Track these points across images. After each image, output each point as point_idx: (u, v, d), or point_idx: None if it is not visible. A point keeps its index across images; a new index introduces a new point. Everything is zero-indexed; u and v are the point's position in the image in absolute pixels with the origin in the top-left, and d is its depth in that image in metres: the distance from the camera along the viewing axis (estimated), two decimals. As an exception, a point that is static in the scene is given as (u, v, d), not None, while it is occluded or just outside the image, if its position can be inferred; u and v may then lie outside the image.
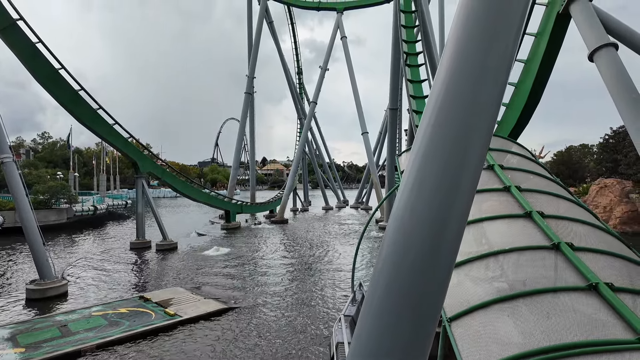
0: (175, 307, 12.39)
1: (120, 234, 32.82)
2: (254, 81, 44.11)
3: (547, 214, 5.56)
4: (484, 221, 5.80)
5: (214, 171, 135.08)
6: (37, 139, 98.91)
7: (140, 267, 19.90)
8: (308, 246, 25.36)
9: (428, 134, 1.87)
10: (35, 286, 13.97)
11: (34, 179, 38.46)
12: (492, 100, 1.83)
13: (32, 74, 18.42)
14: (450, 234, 1.82)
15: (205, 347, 9.78)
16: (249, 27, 47.47)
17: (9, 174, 13.94)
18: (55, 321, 11.30)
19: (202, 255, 22.35)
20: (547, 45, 13.16)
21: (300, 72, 61.48)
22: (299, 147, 47.84)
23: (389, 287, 1.87)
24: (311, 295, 14.32)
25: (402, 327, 1.83)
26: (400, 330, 1.83)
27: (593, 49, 10.40)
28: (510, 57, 1.83)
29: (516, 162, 7.97)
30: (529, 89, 13.77)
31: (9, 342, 9.77)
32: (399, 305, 1.84)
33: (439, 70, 1.93)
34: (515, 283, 4.60)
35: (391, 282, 1.87)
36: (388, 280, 1.88)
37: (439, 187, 1.79)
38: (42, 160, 75.09)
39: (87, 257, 21.74)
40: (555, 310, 3.97)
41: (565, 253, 4.60)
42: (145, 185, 25.24)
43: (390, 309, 1.85)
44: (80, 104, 20.74)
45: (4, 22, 16.70)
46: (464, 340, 4.07)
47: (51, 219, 33.28)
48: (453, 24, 1.91)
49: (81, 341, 9.74)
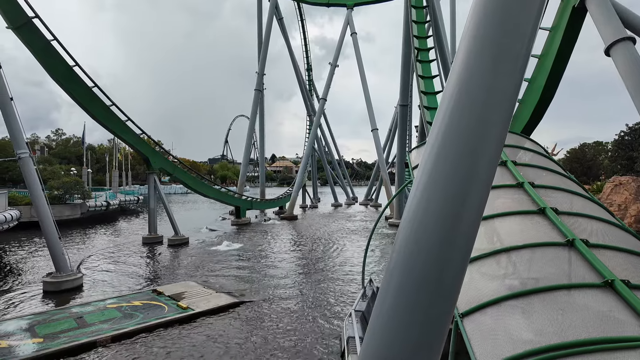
0: (187, 301, 12.57)
1: (132, 229, 33.33)
2: (263, 78, 44.19)
3: (561, 211, 5.50)
4: (496, 217, 5.77)
5: (223, 168, 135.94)
6: (51, 136, 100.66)
7: (153, 261, 20.20)
8: (317, 242, 25.44)
9: (443, 130, 1.85)
10: (51, 279, 14.30)
11: (49, 175, 39.25)
12: (507, 95, 1.80)
13: (48, 72, 18.73)
14: (465, 230, 1.80)
15: (217, 341, 9.91)
16: (259, 24, 47.50)
17: (25, 169, 14.26)
18: (71, 313, 11.56)
19: (213, 250, 22.59)
20: (562, 40, 12.94)
21: (309, 69, 61.39)
22: (308, 144, 47.86)
23: (402, 282, 1.86)
24: (321, 290, 14.39)
25: (415, 324, 1.82)
26: (413, 326, 1.82)
27: (610, 43, 10.21)
28: (526, 52, 1.81)
29: (529, 159, 7.88)
30: (543, 85, 13.56)
31: (28, 332, 10.04)
32: (412, 301, 1.82)
33: (453, 65, 1.92)
34: (527, 280, 4.57)
35: (404, 278, 1.86)
36: (401, 276, 1.87)
37: (454, 183, 1.77)
38: (56, 157, 76.37)
39: (100, 252, 22.15)
40: (569, 307, 3.94)
41: (580, 250, 4.55)
42: (157, 181, 25.56)
43: (404, 305, 1.84)
44: (94, 100, 21.06)
45: (19, 20, 17.01)
46: (476, 337, 4.06)
47: (65, 214, 33.95)
48: (468, 19, 1.89)
49: (96, 332, 9.96)
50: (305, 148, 50.51)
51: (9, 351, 8.90)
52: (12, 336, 9.79)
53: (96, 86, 20.86)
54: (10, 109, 14.27)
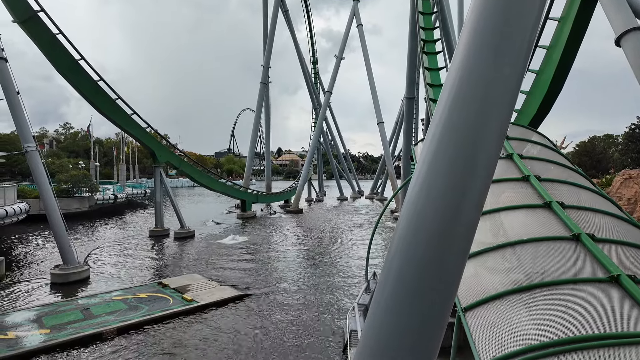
0: (192, 293, 12.66)
1: (139, 222, 33.62)
2: (269, 71, 44.02)
3: (567, 205, 5.40)
4: (501, 211, 5.69)
5: (229, 161, 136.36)
6: (59, 130, 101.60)
7: (159, 254, 20.38)
8: (322, 235, 25.46)
9: (443, 120, 1.82)
10: (59, 271, 14.49)
11: (57, 168, 39.66)
12: (509, 86, 1.76)
13: (53, 65, 18.80)
14: (465, 221, 1.77)
15: (220, 332, 9.99)
16: (264, 16, 47.24)
17: (32, 163, 14.39)
18: (78, 304, 11.71)
19: (219, 243, 22.71)
20: (571, 30, 12.65)
21: (315, 62, 61.04)
22: (313, 137, 47.75)
23: (402, 273, 1.84)
24: (324, 283, 14.41)
25: (414, 314, 1.81)
26: (412, 317, 1.81)
27: (620, 33, 9.95)
28: (529, 41, 1.76)
29: (536, 152, 7.75)
30: (551, 77, 13.30)
31: (35, 323, 10.20)
32: (411, 291, 1.81)
33: (454, 55, 1.87)
34: (532, 274, 4.51)
35: (404, 268, 1.84)
36: (401, 266, 1.85)
37: (454, 174, 1.75)
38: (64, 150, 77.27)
39: (107, 244, 22.39)
40: (574, 302, 3.88)
41: (586, 244, 4.47)
42: (162, 174, 25.69)
43: (403, 295, 1.83)
44: (99, 94, 21.13)
45: (25, 14, 17.06)
46: (479, 331, 4.02)
47: (73, 207, 34.31)
48: (470, 8, 1.84)
49: (102, 324, 10.08)
50: (310, 141, 50.42)
51: (17, 342, 9.05)
52: (20, 327, 9.95)
53: (102, 80, 20.92)
54: (17, 103, 14.38)
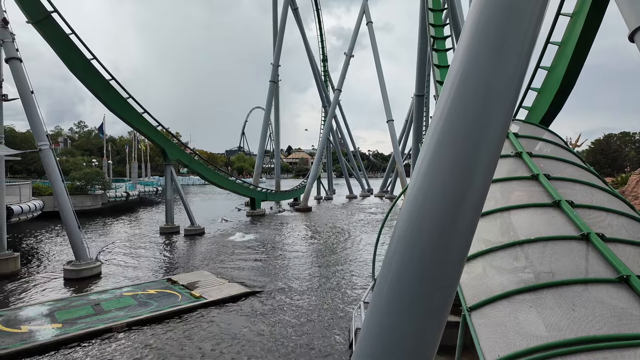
0: (200, 290, 12.78)
1: (150, 219, 34.09)
2: (279, 69, 44.08)
3: (577, 204, 5.30)
4: (509, 210, 5.61)
5: (240, 160, 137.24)
6: (74, 128, 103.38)
7: (169, 251, 20.62)
8: (331, 234, 25.46)
9: (444, 117, 1.81)
10: (71, 267, 14.76)
11: (71, 166, 40.37)
12: (511, 83, 1.75)
13: (66, 65, 19.11)
14: (465, 220, 1.77)
15: (227, 329, 10.06)
16: (274, 14, 47.30)
17: (46, 161, 14.68)
18: (89, 300, 11.92)
19: (228, 240, 22.88)
20: (584, 26, 12.37)
21: (325, 60, 60.94)
22: (323, 135, 47.73)
23: (400, 272, 1.85)
24: (332, 281, 14.41)
25: (411, 316, 1.80)
26: (410, 319, 1.81)
27: (634, 29, 9.69)
28: (532, 36, 1.74)
29: (547, 150, 7.62)
30: (563, 74, 13.03)
31: (48, 317, 10.42)
32: (410, 290, 1.81)
33: (456, 52, 1.86)
34: (540, 274, 4.44)
35: (403, 267, 1.84)
36: (400, 265, 1.85)
37: (454, 172, 1.75)
38: (78, 148, 78.56)
39: (119, 241, 22.74)
40: (583, 303, 3.81)
41: (596, 244, 4.39)
42: (173, 172, 25.99)
43: (401, 294, 1.83)
44: (110, 93, 21.42)
45: (39, 15, 17.38)
46: (485, 331, 3.98)
47: (87, 204, 34.95)
48: (472, 5, 1.82)
49: (112, 319, 10.25)
50: (320, 140, 50.40)
51: (30, 336, 9.25)
52: (33, 321, 10.17)
53: (113, 79, 21.20)
54: (31, 102, 14.67)
